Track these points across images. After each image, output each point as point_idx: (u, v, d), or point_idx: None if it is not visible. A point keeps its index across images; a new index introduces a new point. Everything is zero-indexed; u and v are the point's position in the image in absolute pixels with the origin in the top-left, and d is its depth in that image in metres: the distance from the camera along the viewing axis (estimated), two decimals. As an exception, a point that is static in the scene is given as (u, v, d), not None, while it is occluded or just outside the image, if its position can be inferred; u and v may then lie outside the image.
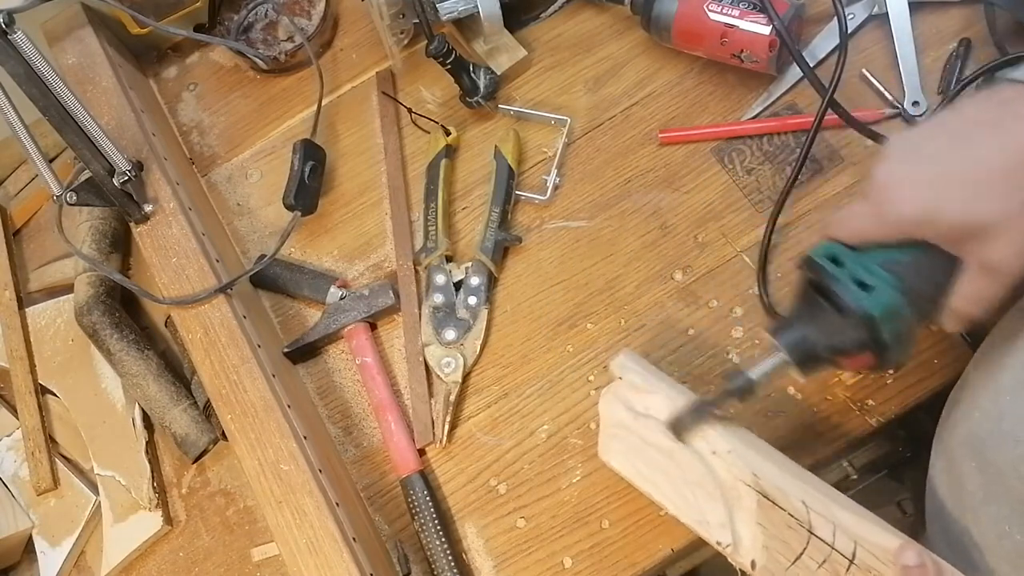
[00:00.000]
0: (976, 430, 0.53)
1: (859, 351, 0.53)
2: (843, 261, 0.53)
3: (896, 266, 0.52)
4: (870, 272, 0.52)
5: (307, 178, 0.78)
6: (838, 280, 0.52)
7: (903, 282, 0.52)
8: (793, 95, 0.77)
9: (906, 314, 0.52)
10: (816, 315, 0.54)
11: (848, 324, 0.52)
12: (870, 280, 0.52)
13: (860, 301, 0.51)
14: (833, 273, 0.53)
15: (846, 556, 0.52)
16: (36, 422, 0.78)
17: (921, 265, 0.52)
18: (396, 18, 0.79)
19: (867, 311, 0.51)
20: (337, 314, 0.75)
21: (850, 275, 0.52)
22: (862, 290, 0.51)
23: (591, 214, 0.77)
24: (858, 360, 0.54)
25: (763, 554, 0.54)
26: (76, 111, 0.65)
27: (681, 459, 0.58)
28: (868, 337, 0.52)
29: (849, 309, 0.52)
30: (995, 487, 0.51)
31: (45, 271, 0.85)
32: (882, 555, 0.51)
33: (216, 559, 0.74)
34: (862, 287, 0.52)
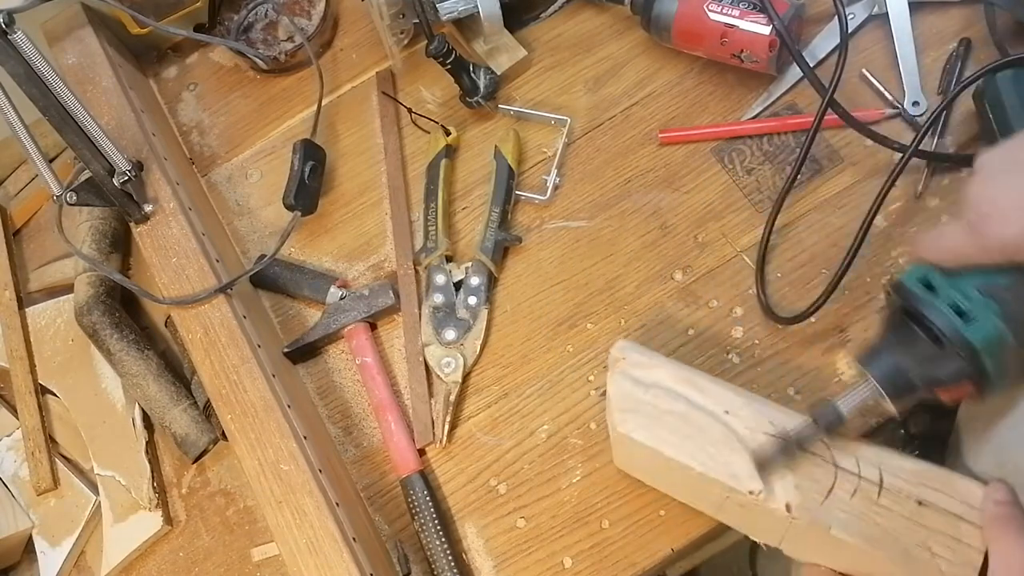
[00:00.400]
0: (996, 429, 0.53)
1: (959, 382, 0.50)
2: (937, 287, 0.50)
3: (996, 290, 0.49)
4: (968, 298, 0.49)
5: (307, 178, 0.78)
6: (934, 307, 0.49)
7: (1005, 308, 0.48)
8: (793, 95, 0.77)
9: (1008, 342, 0.49)
10: (909, 344, 0.51)
11: (946, 354, 0.49)
12: (967, 307, 0.49)
13: (959, 330, 0.48)
14: (928, 300, 0.50)
15: (874, 483, 0.53)
16: (36, 422, 0.78)
17: (1020, 287, 0.49)
18: (396, 18, 0.79)
19: (967, 341, 0.48)
20: (337, 314, 0.75)
21: (947, 301, 0.49)
22: (960, 318, 0.49)
23: (591, 214, 0.77)
24: (958, 391, 0.51)
25: (796, 495, 0.54)
26: (76, 111, 0.65)
27: (698, 421, 0.58)
28: (969, 368, 0.49)
29: (947, 339, 0.49)
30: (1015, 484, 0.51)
31: (45, 271, 0.85)
32: (908, 476, 0.53)
33: (216, 559, 0.74)
34: (960, 314, 0.49)
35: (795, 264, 0.72)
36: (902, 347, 0.52)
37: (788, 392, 0.69)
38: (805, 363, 0.69)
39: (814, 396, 0.68)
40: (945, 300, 0.49)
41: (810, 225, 0.73)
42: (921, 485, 0.52)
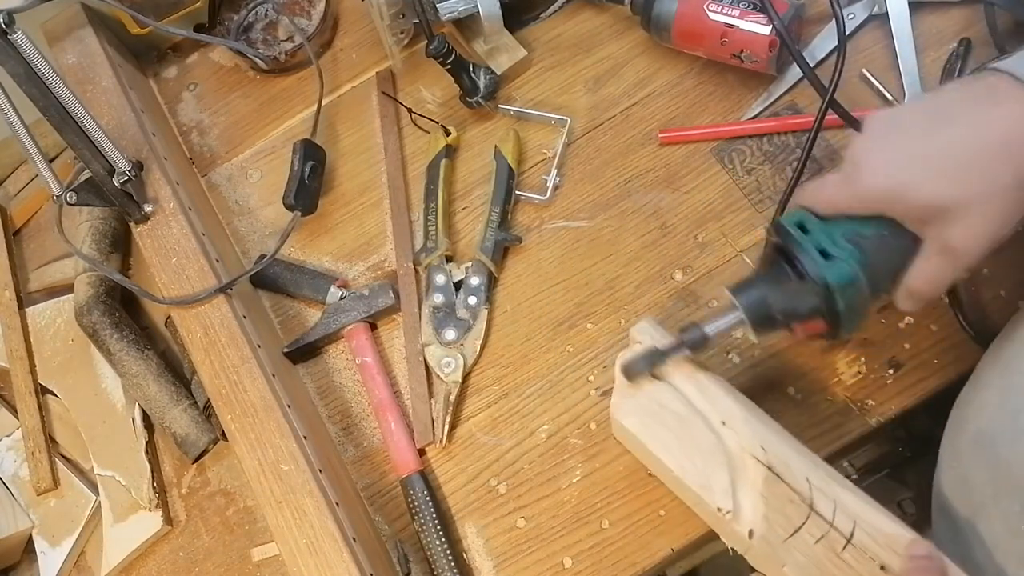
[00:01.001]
0: (988, 428, 0.53)
1: (812, 318, 0.55)
2: (810, 229, 0.54)
3: (860, 240, 0.53)
4: (834, 243, 0.53)
5: (307, 178, 0.78)
6: (802, 247, 0.54)
7: (864, 256, 0.53)
8: (793, 95, 0.77)
9: (862, 287, 0.53)
10: (777, 279, 0.56)
11: (806, 290, 0.54)
12: (833, 250, 0.53)
13: (820, 269, 0.53)
14: (798, 240, 0.54)
15: (844, 535, 0.53)
16: (36, 422, 0.78)
17: (883, 241, 0.53)
18: (396, 18, 0.79)
19: (825, 279, 0.53)
20: (337, 314, 0.75)
21: (814, 243, 0.54)
22: (824, 259, 0.53)
23: (591, 214, 0.77)
24: (810, 327, 0.56)
25: (763, 524, 0.55)
26: (76, 111, 0.65)
27: (693, 426, 0.58)
28: (823, 305, 0.54)
29: (808, 276, 0.53)
30: (1006, 484, 0.51)
31: (45, 271, 0.85)
32: (880, 538, 0.52)
33: (216, 559, 0.74)
34: (824, 256, 0.53)
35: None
36: (771, 281, 0.56)
37: (788, 392, 0.69)
38: (805, 363, 0.69)
39: (814, 396, 0.68)
40: (813, 242, 0.54)
41: (810, 225, 0.73)
42: (890, 550, 0.51)
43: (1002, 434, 0.52)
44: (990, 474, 0.52)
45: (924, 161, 0.50)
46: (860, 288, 0.53)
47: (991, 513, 0.53)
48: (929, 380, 0.67)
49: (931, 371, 0.68)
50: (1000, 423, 0.52)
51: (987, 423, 0.54)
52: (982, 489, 0.53)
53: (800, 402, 0.68)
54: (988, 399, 0.55)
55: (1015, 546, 0.51)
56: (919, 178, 0.50)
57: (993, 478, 0.52)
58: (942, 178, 0.49)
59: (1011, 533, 0.51)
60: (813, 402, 0.68)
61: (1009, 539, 0.52)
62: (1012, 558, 0.52)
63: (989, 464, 0.53)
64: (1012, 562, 0.52)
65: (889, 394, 0.68)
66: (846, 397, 0.68)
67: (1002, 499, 0.52)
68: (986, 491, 0.53)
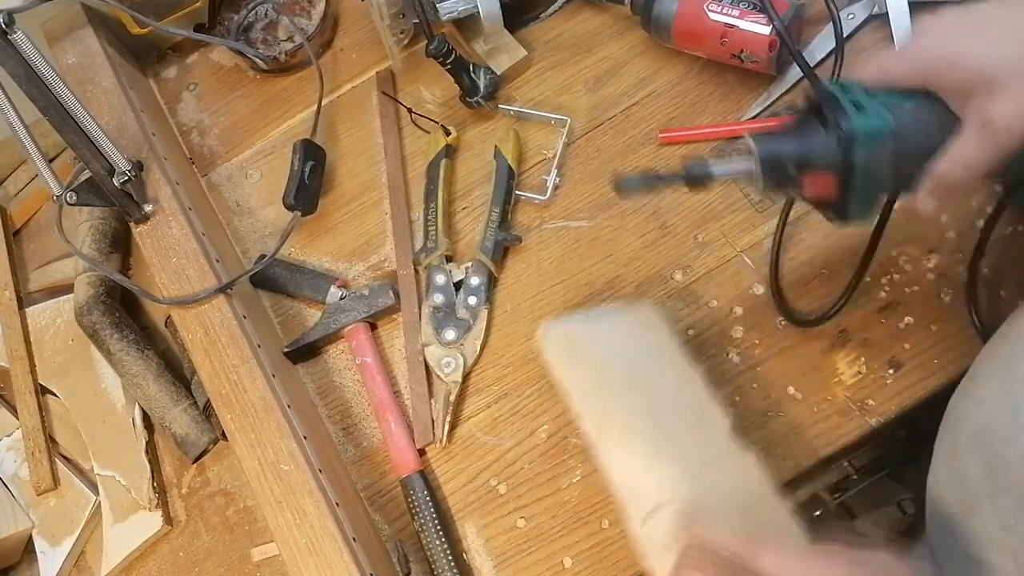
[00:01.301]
0: (986, 423, 0.53)
1: (824, 169, 0.53)
2: (849, 88, 0.53)
3: (897, 108, 0.52)
4: (871, 102, 0.52)
5: (307, 178, 0.78)
6: (835, 98, 0.52)
7: (898, 122, 0.52)
8: (793, 95, 0.77)
9: (886, 147, 0.52)
10: (802, 131, 0.54)
11: (827, 138, 0.52)
12: (867, 106, 0.52)
13: (848, 116, 0.51)
14: (834, 91, 0.53)
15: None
16: (36, 422, 0.78)
17: (922, 114, 0.52)
18: (396, 18, 0.79)
19: (851, 126, 0.51)
20: (337, 314, 0.75)
21: (850, 98, 0.52)
22: (857, 111, 0.52)
23: (591, 214, 0.77)
24: (819, 182, 0.54)
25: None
26: (76, 111, 0.65)
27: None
28: (840, 155, 0.52)
29: (834, 121, 0.52)
30: (1002, 480, 0.51)
31: (45, 271, 0.85)
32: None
33: (216, 559, 0.74)
34: (858, 109, 0.52)
35: (795, 264, 0.72)
36: (793, 134, 0.54)
37: (788, 391, 0.69)
38: (805, 363, 0.69)
39: (814, 396, 0.68)
40: (850, 96, 0.52)
41: (810, 225, 0.73)
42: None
43: (1001, 431, 0.52)
44: (986, 470, 0.53)
45: (981, 31, 0.50)
46: (884, 148, 0.52)
47: (985, 509, 0.53)
48: (929, 380, 0.67)
49: (931, 371, 0.68)
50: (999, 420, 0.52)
51: (985, 420, 0.53)
52: (977, 485, 0.53)
53: (800, 402, 0.68)
54: (987, 396, 0.54)
55: (1008, 542, 0.52)
56: (972, 45, 0.50)
57: (989, 474, 0.52)
58: (995, 47, 0.49)
59: (1004, 528, 0.51)
60: (813, 402, 0.68)
61: (1002, 535, 0.52)
62: (1005, 553, 0.52)
63: (986, 460, 0.53)
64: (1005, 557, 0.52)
65: (889, 394, 0.68)
66: (846, 397, 0.68)
67: (997, 495, 0.52)
68: (981, 487, 0.53)
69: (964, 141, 0.52)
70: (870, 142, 0.51)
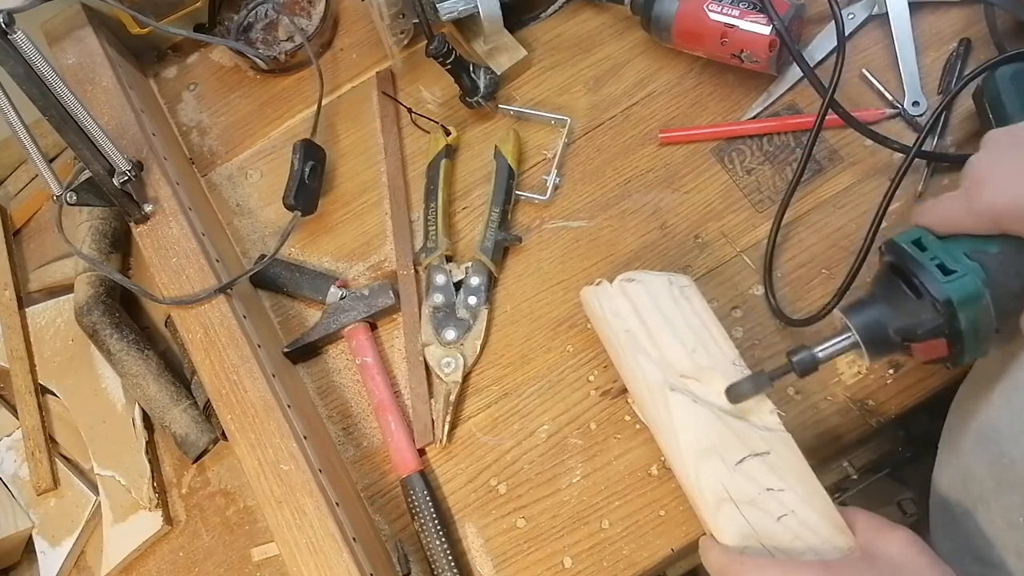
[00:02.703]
0: (992, 421, 0.53)
1: (932, 337, 0.52)
2: (927, 246, 0.53)
3: (982, 256, 0.51)
4: (955, 259, 0.51)
5: (307, 178, 0.78)
6: (919, 262, 0.52)
7: (987, 272, 0.51)
8: (793, 95, 0.77)
9: (986, 304, 0.51)
10: (892, 298, 0.53)
11: (924, 308, 0.51)
12: (953, 266, 0.51)
13: (940, 284, 0.51)
14: (915, 255, 0.52)
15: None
16: (36, 422, 0.78)
17: (1008, 257, 0.51)
18: (396, 18, 0.79)
19: (946, 294, 0.50)
20: (337, 314, 0.75)
21: (932, 258, 0.52)
22: (943, 275, 0.51)
23: (591, 214, 0.77)
24: (930, 348, 0.53)
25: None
26: (76, 111, 0.65)
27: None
28: (944, 323, 0.51)
29: (927, 291, 0.51)
30: (1008, 478, 0.51)
31: (45, 271, 0.85)
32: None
33: (216, 559, 0.74)
34: (944, 272, 0.51)
35: (794, 264, 0.72)
36: (885, 302, 0.54)
37: (788, 392, 0.68)
38: (805, 363, 0.69)
39: (814, 396, 0.68)
40: (931, 257, 0.52)
41: (810, 225, 0.73)
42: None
43: (1007, 429, 0.52)
44: (992, 468, 0.53)
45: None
46: (984, 305, 0.51)
47: (991, 506, 0.53)
48: (929, 380, 0.67)
49: (931, 371, 0.68)
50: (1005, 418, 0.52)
51: (990, 418, 0.54)
52: (983, 482, 0.53)
53: (800, 402, 0.68)
54: (992, 394, 0.54)
55: (1014, 538, 0.52)
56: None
57: (995, 472, 0.52)
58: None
59: (1010, 526, 0.52)
60: (813, 402, 0.68)
61: (1008, 531, 0.52)
62: (1010, 550, 0.52)
63: (991, 458, 0.53)
64: (1010, 554, 0.52)
65: (889, 394, 0.68)
66: (846, 397, 0.68)
67: (1003, 493, 0.52)
68: (987, 484, 0.53)
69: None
70: (970, 305, 0.51)
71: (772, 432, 0.58)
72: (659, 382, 0.61)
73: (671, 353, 0.61)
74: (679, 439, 0.59)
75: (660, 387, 0.60)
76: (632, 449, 0.69)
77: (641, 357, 0.62)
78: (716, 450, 0.57)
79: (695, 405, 0.59)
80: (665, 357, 0.61)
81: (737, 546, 0.54)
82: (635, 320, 0.63)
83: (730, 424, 0.58)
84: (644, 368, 0.62)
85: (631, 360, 0.62)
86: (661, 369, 0.61)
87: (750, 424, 0.58)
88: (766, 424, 0.58)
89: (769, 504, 0.55)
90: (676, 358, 0.61)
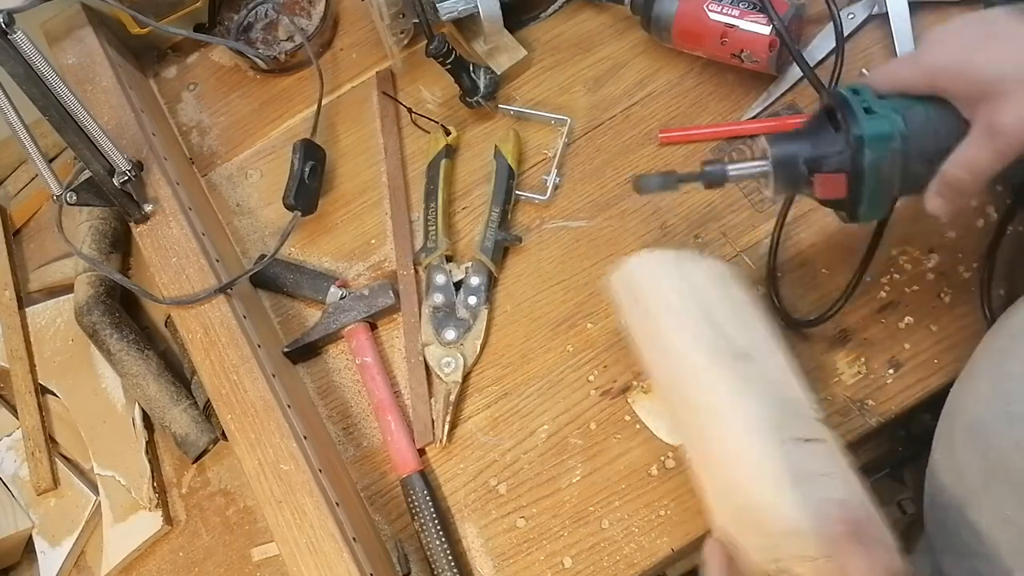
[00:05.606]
0: (981, 415, 0.53)
1: (835, 171, 0.55)
2: (862, 94, 0.55)
3: (907, 112, 0.54)
4: (881, 107, 0.54)
5: (307, 178, 0.78)
6: (848, 102, 0.55)
7: (907, 125, 0.54)
8: (793, 95, 0.77)
9: (894, 150, 0.54)
10: (815, 135, 0.57)
11: (837, 140, 0.55)
12: (878, 110, 0.54)
13: (858, 119, 0.54)
14: (846, 97, 0.55)
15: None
16: (36, 422, 0.78)
17: (931, 118, 0.54)
18: (396, 18, 0.79)
19: (860, 130, 0.53)
20: (337, 314, 0.75)
21: (861, 103, 0.55)
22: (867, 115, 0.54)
23: (591, 214, 0.77)
24: (830, 183, 0.56)
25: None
26: (76, 111, 0.65)
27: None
28: (848, 157, 0.54)
29: (844, 125, 0.54)
30: (998, 472, 0.52)
31: (45, 271, 0.85)
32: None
33: (216, 559, 0.74)
34: (868, 113, 0.54)
35: (794, 264, 0.72)
36: (807, 137, 0.57)
37: (788, 392, 0.68)
38: (805, 363, 0.69)
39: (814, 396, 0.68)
40: (861, 102, 0.55)
41: (809, 225, 0.73)
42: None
43: (995, 422, 0.52)
44: (982, 462, 0.53)
45: (987, 40, 0.52)
46: (892, 151, 0.54)
47: (982, 501, 0.53)
48: (929, 380, 0.67)
49: (931, 371, 0.68)
50: (993, 412, 0.53)
51: (980, 412, 0.54)
52: (974, 477, 0.53)
53: (800, 402, 0.68)
54: (981, 389, 0.55)
55: (1004, 533, 0.52)
56: (979, 55, 0.52)
57: (985, 466, 0.53)
58: (1001, 56, 0.51)
59: (1001, 520, 0.52)
60: (813, 402, 0.68)
61: (999, 526, 0.52)
62: (1001, 545, 0.52)
63: (981, 452, 0.53)
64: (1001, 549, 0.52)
65: (889, 394, 0.68)
66: (846, 397, 0.68)
67: (993, 487, 0.52)
68: (977, 479, 0.53)
69: (970, 145, 0.53)
70: (879, 144, 0.54)
71: (824, 426, 0.58)
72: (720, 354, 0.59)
73: (729, 328, 0.60)
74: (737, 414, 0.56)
75: (714, 361, 0.58)
76: (632, 449, 0.69)
77: (690, 334, 0.60)
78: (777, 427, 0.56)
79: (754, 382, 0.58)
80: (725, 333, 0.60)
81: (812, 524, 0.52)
82: (690, 295, 0.61)
83: (787, 406, 0.58)
84: (697, 344, 0.59)
85: (679, 335, 0.60)
86: (713, 346, 0.59)
87: (803, 413, 0.58)
88: (817, 417, 0.58)
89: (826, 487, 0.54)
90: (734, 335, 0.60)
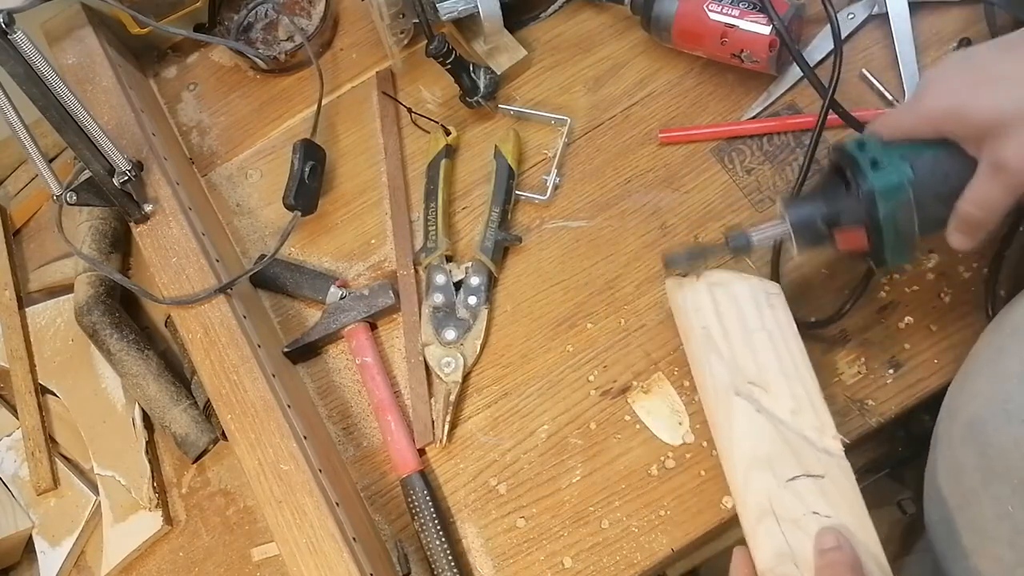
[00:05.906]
0: (980, 413, 0.54)
1: (853, 224, 0.57)
2: (867, 147, 0.56)
3: (914, 158, 0.55)
4: (888, 157, 0.55)
5: (307, 178, 0.78)
6: (854, 159, 0.56)
7: (915, 171, 0.55)
8: (793, 95, 0.77)
9: (907, 199, 0.55)
10: (828, 193, 0.58)
11: (851, 197, 0.56)
12: (885, 163, 0.55)
13: (867, 174, 0.55)
14: (852, 153, 0.56)
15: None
16: (36, 422, 0.78)
17: (939, 161, 0.55)
18: (396, 18, 0.79)
19: (870, 184, 0.55)
20: (337, 314, 0.75)
21: (868, 157, 0.56)
22: (874, 169, 0.55)
23: (591, 214, 0.77)
24: (850, 237, 0.57)
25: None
26: (76, 111, 0.65)
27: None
28: (864, 211, 0.56)
29: (855, 182, 0.55)
30: (996, 468, 0.52)
31: (45, 271, 0.85)
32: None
33: (216, 559, 0.74)
34: (875, 167, 0.55)
35: (794, 264, 0.72)
36: (822, 197, 0.59)
37: (788, 392, 0.68)
38: (805, 363, 0.69)
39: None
40: (868, 155, 0.56)
41: (810, 225, 0.73)
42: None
43: (993, 419, 0.52)
44: (980, 459, 0.53)
45: (987, 82, 0.52)
46: (905, 200, 0.54)
47: (981, 498, 0.53)
48: (929, 380, 0.67)
49: (931, 371, 0.68)
50: (991, 409, 0.53)
51: (978, 409, 0.54)
52: (972, 474, 0.54)
53: (800, 402, 0.68)
54: (979, 386, 0.55)
55: (1003, 530, 0.52)
56: (980, 95, 0.52)
57: (983, 463, 0.53)
58: (997, 95, 0.51)
59: (1000, 517, 0.52)
60: (813, 402, 0.68)
61: (997, 523, 0.52)
62: (1001, 542, 0.52)
63: (980, 449, 0.53)
64: (1001, 545, 0.52)
65: (889, 394, 0.68)
66: (846, 397, 0.68)
67: (992, 483, 0.52)
68: (976, 476, 0.53)
69: (979, 183, 0.54)
70: (890, 196, 0.55)
71: (831, 457, 0.57)
72: (725, 384, 0.60)
73: (742, 357, 0.61)
74: (735, 444, 0.59)
75: (726, 389, 0.60)
76: (632, 449, 0.69)
77: (713, 356, 0.61)
78: (770, 462, 0.57)
79: (757, 414, 0.58)
80: (736, 360, 0.61)
81: (770, 564, 0.54)
82: (713, 318, 0.63)
83: (789, 439, 0.58)
84: (714, 368, 0.61)
85: (703, 358, 0.62)
86: (730, 372, 0.60)
87: (810, 443, 0.58)
88: (826, 447, 0.58)
89: (812, 527, 0.54)
90: (746, 363, 0.60)
